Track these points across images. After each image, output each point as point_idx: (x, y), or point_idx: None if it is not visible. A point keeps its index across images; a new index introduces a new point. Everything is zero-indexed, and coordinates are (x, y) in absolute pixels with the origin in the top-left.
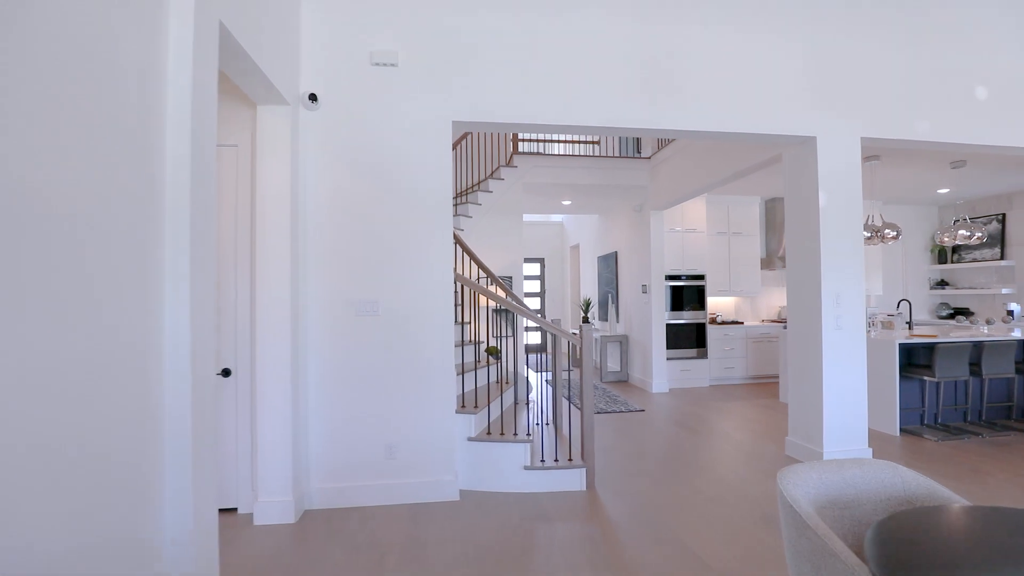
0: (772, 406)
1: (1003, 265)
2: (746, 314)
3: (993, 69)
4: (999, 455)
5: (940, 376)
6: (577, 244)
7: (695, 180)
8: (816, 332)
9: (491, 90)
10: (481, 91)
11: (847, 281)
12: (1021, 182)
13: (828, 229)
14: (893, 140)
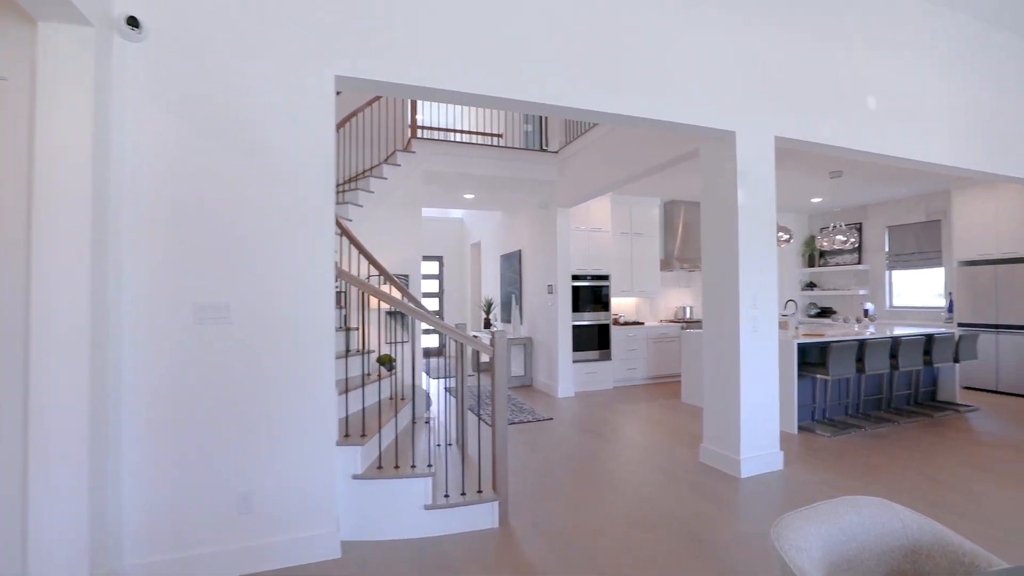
0: (676, 407)
1: (860, 269)
2: (646, 314)
3: (882, 82)
4: (883, 448)
5: (834, 374)
6: (478, 242)
7: (604, 176)
8: (734, 335)
9: (387, 44)
10: (373, 41)
11: (763, 282)
12: (875, 196)
13: (746, 229)
14: (801, 142)
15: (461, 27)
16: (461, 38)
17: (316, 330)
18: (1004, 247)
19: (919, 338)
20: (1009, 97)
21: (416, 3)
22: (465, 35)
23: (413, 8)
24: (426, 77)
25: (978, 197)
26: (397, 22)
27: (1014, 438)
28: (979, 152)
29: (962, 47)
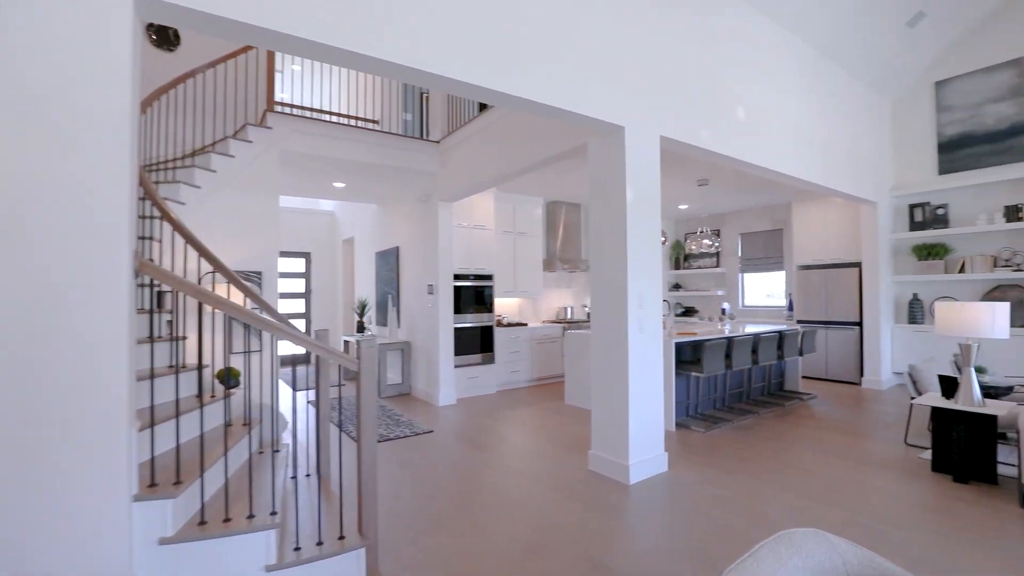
0: (560, 410)
1: (718, 272)
2: (529, 315)
3: (747, 96)
4: (750, 439)
5: (708, 371)
6: (352, 237)
7: (488, 169)
8: (621, 337)
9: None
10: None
11: (649, 282)
12: (731, 205)
13: (635, 228)
14: (684, 144)
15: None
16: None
17: (103, 344)
18: (832, 254)
19: (774, 335)
20: (837, 120)
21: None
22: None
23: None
24: (265, 14)
25: (813, 210)
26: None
27: (848, 422)
28: (816, 167)
29: (803, 71)
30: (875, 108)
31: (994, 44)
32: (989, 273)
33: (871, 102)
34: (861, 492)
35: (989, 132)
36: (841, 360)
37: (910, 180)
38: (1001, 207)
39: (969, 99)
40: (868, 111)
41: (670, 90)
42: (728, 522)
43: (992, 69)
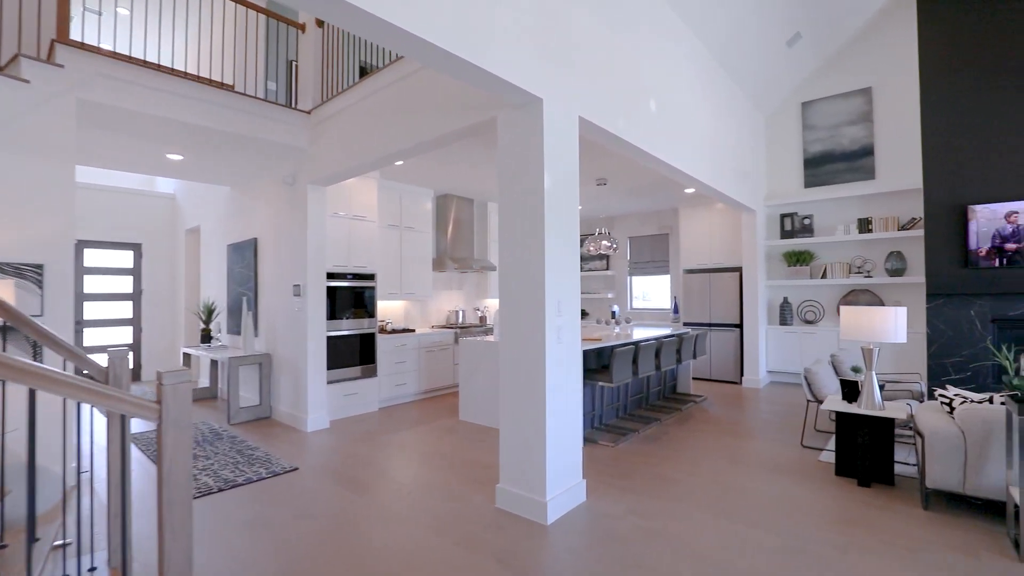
0: (456, 428)
1: (608, 275)
2: (417, 320)
3: (657, 90)
4: (661, 452)
5: (617, 380)
6: (197, 227)
7: (372, 147)
8: (538, 350)
9: None
10: None
11: (569, 285)
12: (622, 208)
13: (553, 221)
14: (601, 130)
15: None
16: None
17: None
18: (715, 258)
19: (674, 339)
20: (727, 128)
21: None
22: None
23: None
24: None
25: (698, 215)
26: None
27: (744, 425)
28: (713, 171)
29: (700, 76)
30: (754, 121)
31: (849, 73)
32: (845, 278)
33: (751, 115)
34: (784, 508)
35: (845, 152)
36: (723, 361)
37: (781, 191)
38: (855, 219)
39: (829, 120)
40: (749, 123)
41: (590, 69)
42: (669, 569)
43: (848, 95)
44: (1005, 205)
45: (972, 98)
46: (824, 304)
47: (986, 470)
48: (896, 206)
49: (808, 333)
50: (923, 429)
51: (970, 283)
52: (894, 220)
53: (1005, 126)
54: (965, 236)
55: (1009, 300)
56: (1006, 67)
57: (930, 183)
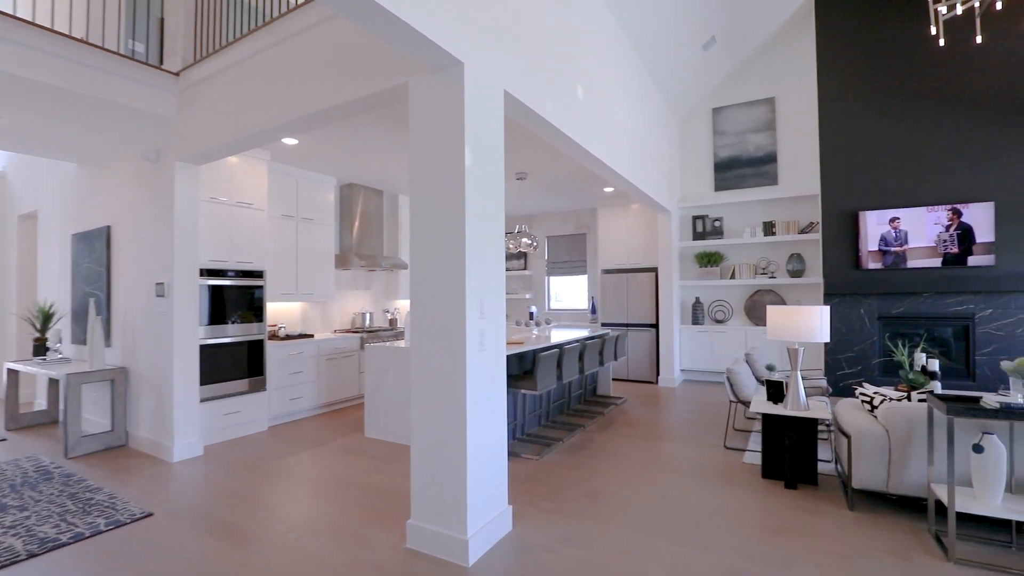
0: (360, 447)
1: (526, 274)
2: (316, 324)
3: (588, 77)
4: (589, 463)
5: (541, 387)
6: (33, 212)
7: (258, 117)
8: (457, 360)
9: None
10: None
11: (493, 284)
12: (540, 206)
13: (475, 208)
14: (527, 109)
15: None
16: None
17: None
18: (632, 259)
19: (596, 341)
20: (648, 127)
21: None
22: None
23: None
24: None
25: (616, 215)
26: None
27: (666, 427)
28: (636, 169)
29: (625, 71)
30: (669, 123)
31: (755, 83)
32: (752, 279)
33: (667, 117)
34: (723, 521)
35: (752, 157)
36: (639, 361)
37: (693, 193)
38: (760, 222)
39: (737, 127)
40: (665, 125)
41: (518, 42)
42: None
43: (753, 103)
44: (889, 212)
45: (863, 114)
46: (733, 304)
47: (908, 468)
48: (796, 210)
49: (719, 332)
50: (849, 429)
51: (861, 284)
52: (795, 224)
53: (890, 140)
54: (856, 240)
55: (892, 299)
56: (892, 88)
57: (826, 190)
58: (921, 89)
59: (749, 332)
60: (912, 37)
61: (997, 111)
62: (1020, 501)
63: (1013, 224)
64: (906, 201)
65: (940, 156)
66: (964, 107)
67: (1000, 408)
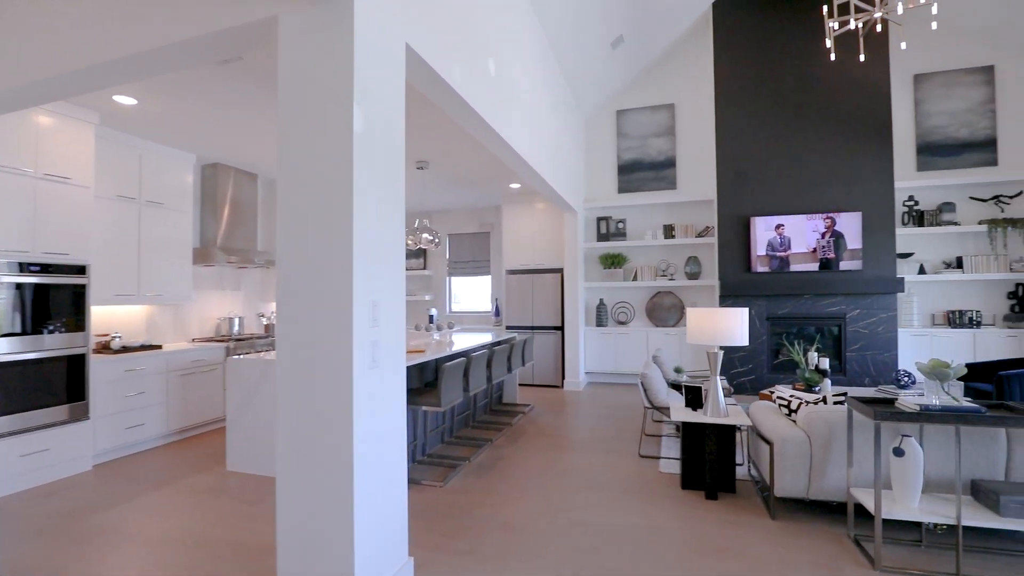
0: (218, 486)
1: (425, 274)
2: (167, 332)
3: (500, 53)
4: (500, 485)
5: (446, 402)
6: None
7: (67, 49)
8: (342, 382)
9: None
10: None
11: (388, 284)
12: (440, 202)
13: (367, 184)
14: (433, 74)
15: None
16: None
17: None
18: (538, 259)
19: (505, 346)
20: (557, 122)
21: None
22: None
23: None
24: None
25: (521, 213)
26: None
27: (577, 436)
28: (546, 163)
29: (537, 60)
30: (577, 121)
31: (657, 88)
32: (653, 281)
33: (575, 115)
34: (654, 548)
35: (653, 161)
36: (545, 364)
37: (598, 194)
38: (661, 225)
39: (639, 130)
40: (573, 122)
41: None
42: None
43: (655, 108)
44: (776, 218)
45: (755, 124)
46: (635, 305)
47: (828, 473)
48: (694, 215)
49: (622, 334)
50: (770, 436)
51: (752, 286)
52: (692, 228)
53: (778, 150)
54: (748, 244)
55: (778, 301)
56: (780, 100)
57: (721, 196)
58: (805, 104)
59: (651, 333)
60: (799, 55)
61: (864, 130)
62: (937, 502)
63: (876, 233)
64: (790, 208)
65: (819, 167)
66: (840, 123)
67: (940, 411)
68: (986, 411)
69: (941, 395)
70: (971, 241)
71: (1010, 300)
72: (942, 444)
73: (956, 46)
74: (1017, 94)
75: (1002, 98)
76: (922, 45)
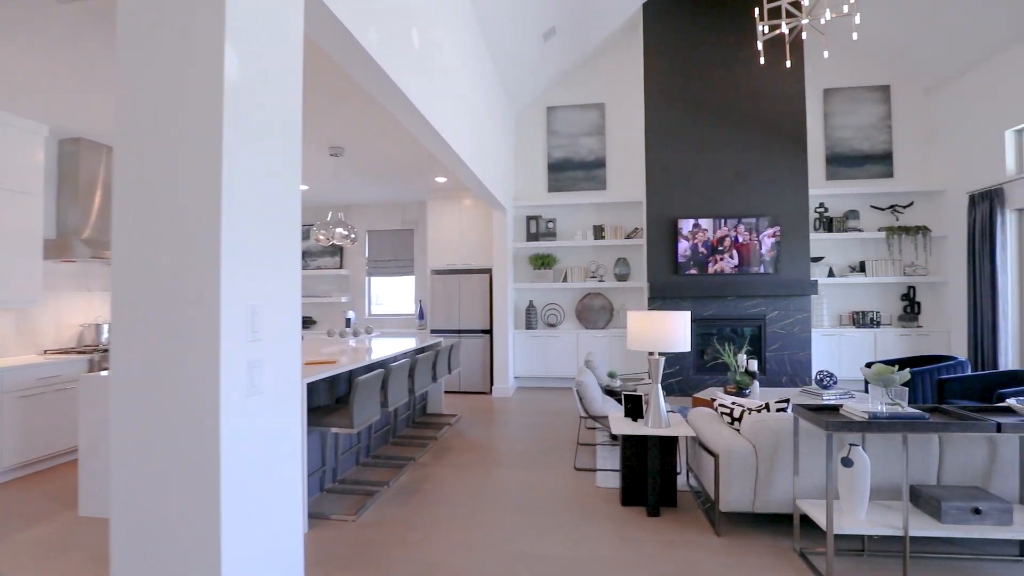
0: (66, 539)
1: (342, 274)
2: (11, 343)
3: (426, 26)
4: (425, 515)
5: (360, 423)
6: None
7: None
8: (205, 413)
9: None
10: None
11: (276, 283)
12: (359, 195)
13: (244, 154)
14: (342, 30)
15: None
16: None
17: None
18: (465, 259)
19: (429, 353)
20: (488, 115)
21: None
22: None
23: None
24: None
25: (448, 210)
26: None
27: (508, 449)
28: (476, 155)
29: (468, 47)
30: (507, 116)
31: (588, 87)
32: (583, 283)
33: (505, 109)
34: None
35: (584, 161)
36: (472, 370)
37: (528, 193)
38: (591, 226)
39: (570, 128)
40: (503, 117)
41: None
42: None
43: (586, 107)
44: (702, 221)
45: (682, 127)
46: (565, 307)
47: (775, 484)
48: (624, 216)
49: (552, 336)
50: (716, 448)
51: (679, 288)
52: (621, 229)
53: (705, 154)
54: (675, 246)
55: (703, 302)
56: (704, 105)
57: (650, 197)
58: (731, 109)
59: (581, 335)
60: (725, 60)
61: (783, 137)
62: (881, 511)
63: (793, 237)
64: (715, 211)
65: (741, 172)
66: (762, 130)
67: (888, 419)
68: (929, 417)
69: (885, 401)
70: (872, 246)
71: (903, 301)
72: (883, 450)
73: (860, 65)
74: (909, 113)
75: (897, 116)
76: (831, 62)
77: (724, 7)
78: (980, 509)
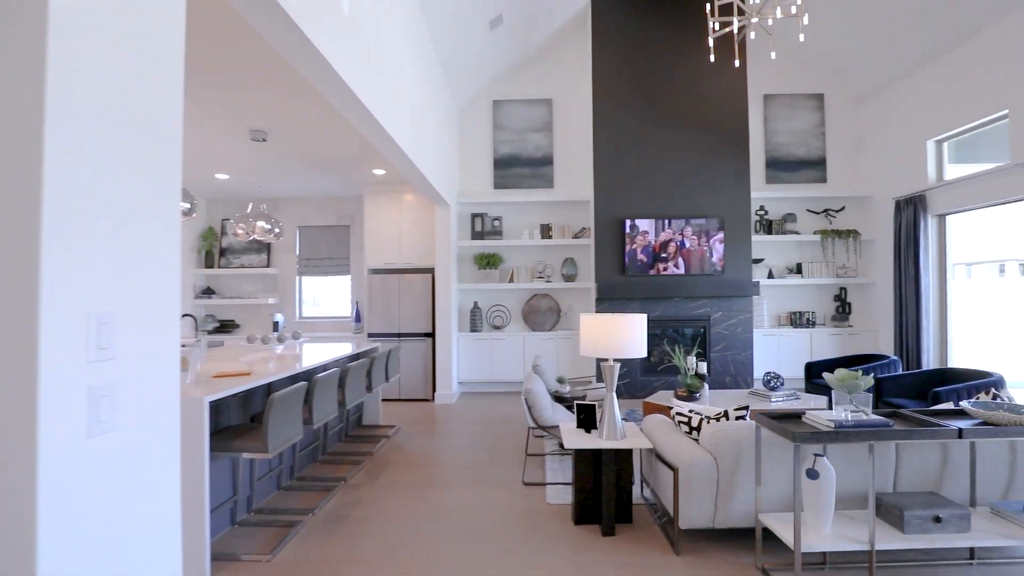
0: None
1: (269, 273)
2: None
3: (364, 9)
4: (359, 547)
5: (275, 446)
6: None
7: None
8: (19, 459)
9: None
10: None
11: (135, 284)
12: (289, 188)
13: (82, 94)
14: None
15: None
16: None
17: None
18: (405, 257)
19: (364, 361)
20: (430, 107)
21: None
22: None
23: None
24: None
25: (387, 205)
26: None
27: (453, 462)
28: (417, 146)
29: (411, 34)
30: (450, 110)
31: (536, 81)
32: (530, 283)
33: (448, 102)
34: None
35: (531, 158)
36: (413, 376)
37: (472, 189)
38: (538, 225)
39: (517, 123)
40: (446, 110)
41: None
42: None
43: (533, 102)
44: (649, 221)
45: (630, 126)
46: (511, 309)
47: (736, 498)
48: (571, 215)
49: (498, 339)
50: (675, 461)
51: (627, 288)
52: (569, 228)
53: (652, 153)
54: (623, 246)
55: (652, 303)
56: (652, 104)
57: (598, 196)
58: (677, 109)
59: (528, 338)
60: (673, 59)
61: (726, 140)
62: (846, 523)
63: (735, 239)
64: (661, 212)
65: (688, 173)
66: (707, 131)
67: (854, 428)
68: (894, 424)
69: (849, 408)
70: (808, 249)
71: (835, 302)
72: (842, 457)
73: (797, 72)
74: (840, 121)
75: (830, 123)
76: (771, 69)
77: (674, 5)
78: (940, 517)
